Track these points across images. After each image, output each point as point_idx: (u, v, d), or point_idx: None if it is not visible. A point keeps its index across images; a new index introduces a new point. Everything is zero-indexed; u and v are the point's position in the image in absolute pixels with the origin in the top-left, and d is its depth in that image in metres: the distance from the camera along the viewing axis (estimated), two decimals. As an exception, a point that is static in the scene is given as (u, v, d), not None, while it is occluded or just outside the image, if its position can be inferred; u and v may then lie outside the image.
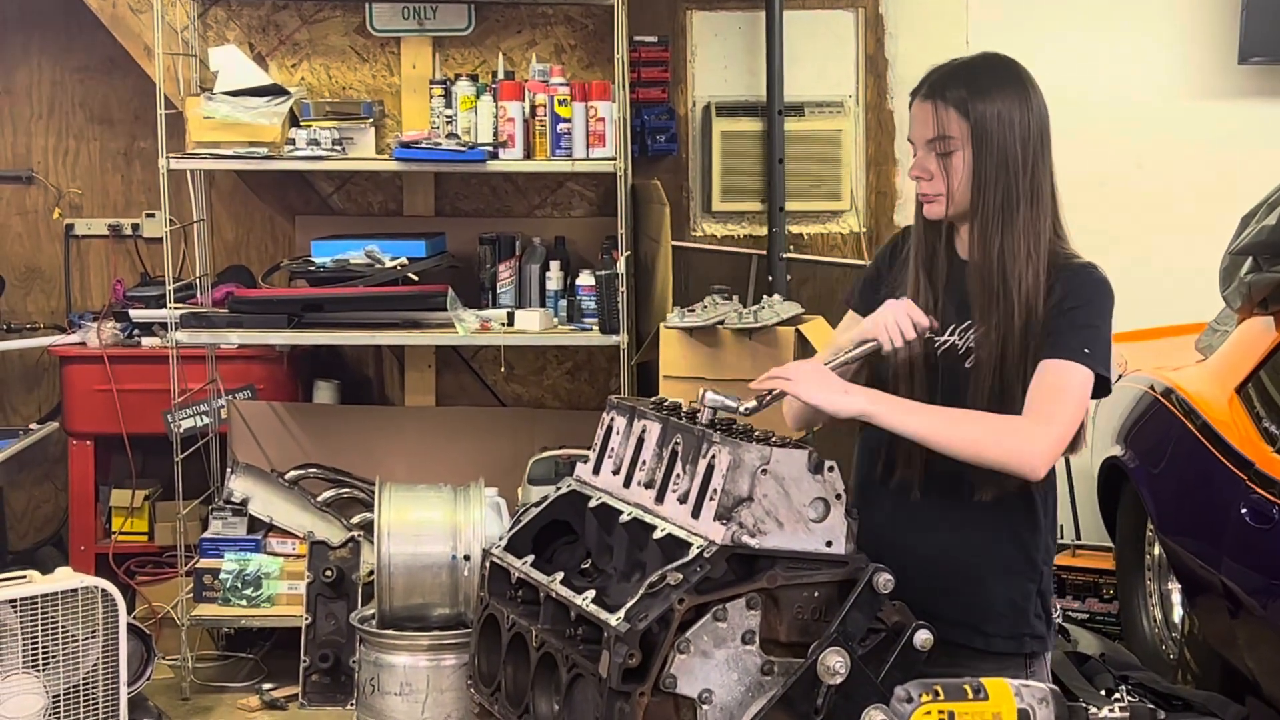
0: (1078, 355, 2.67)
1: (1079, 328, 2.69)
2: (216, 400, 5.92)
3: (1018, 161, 2.73)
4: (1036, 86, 2.80)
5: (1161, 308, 5.84)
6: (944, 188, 2.76)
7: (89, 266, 6.59)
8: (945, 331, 2.79)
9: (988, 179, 2.73)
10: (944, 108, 2.74)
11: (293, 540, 5.56)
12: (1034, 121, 2.76)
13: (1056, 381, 2.66)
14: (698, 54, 6.21)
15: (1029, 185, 2.74)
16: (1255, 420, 4.37)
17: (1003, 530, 2.78)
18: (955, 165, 2.74)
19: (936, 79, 2.79)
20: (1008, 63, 2.82)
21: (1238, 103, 6.22)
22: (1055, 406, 2.65)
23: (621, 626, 2.31)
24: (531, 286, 5.84)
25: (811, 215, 6.21)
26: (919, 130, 2.78)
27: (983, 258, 2.74)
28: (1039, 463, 2.62)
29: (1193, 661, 4.70)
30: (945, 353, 2.79)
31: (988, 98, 2.73)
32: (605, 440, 2.76)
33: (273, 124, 5.52)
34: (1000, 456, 2.62)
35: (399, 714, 5.03)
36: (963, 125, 2.73)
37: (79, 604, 4.19)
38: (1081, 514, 5.98)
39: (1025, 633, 2.80)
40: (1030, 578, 2.81)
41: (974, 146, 2.73)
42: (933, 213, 2.80)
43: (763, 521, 2.41)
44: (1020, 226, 2.73)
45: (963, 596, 2.74)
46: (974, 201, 2.74)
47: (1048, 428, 2.63)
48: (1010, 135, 2.73)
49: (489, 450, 5.93)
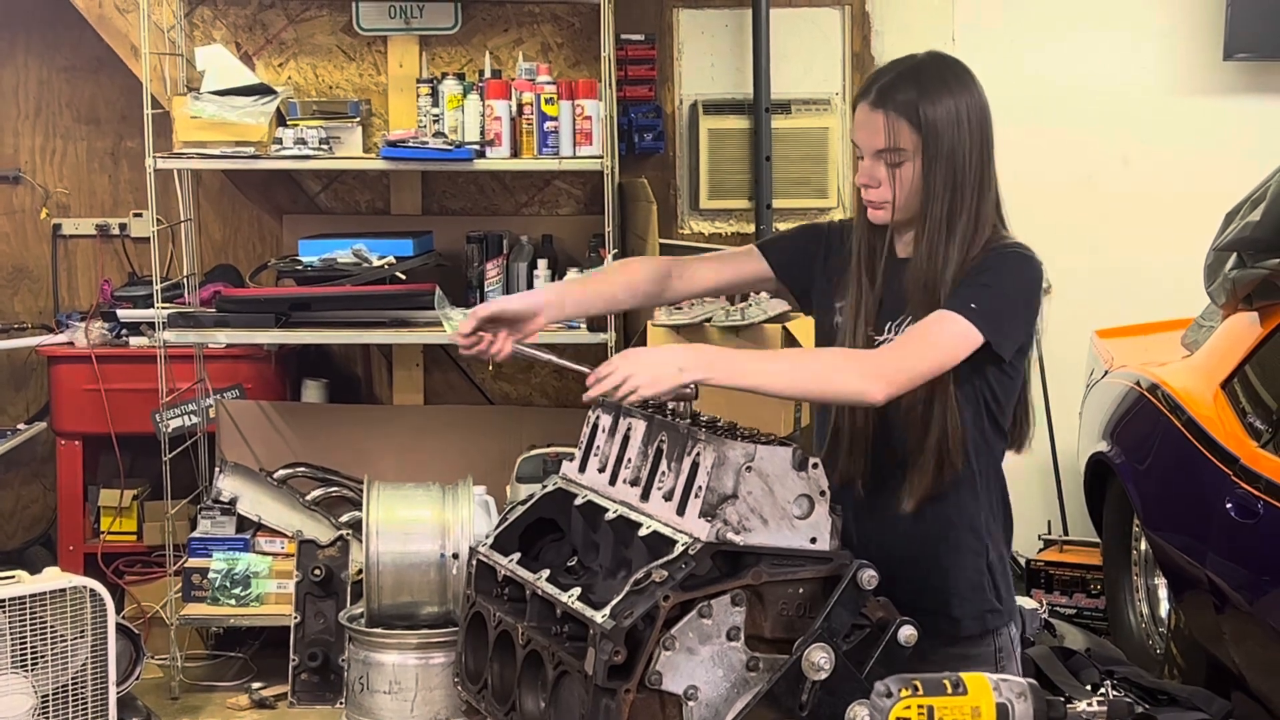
0: (962, 308, 2.64)
1: (975, 286, 2.68)
2: (204, 400, 5.92)
3: (965, 170, 2.73)
4: (978, 83, 2.78)
5: (1148, 304, 5.86)
6: (891, 196, 2.76)
7: (76, 266, 6.59)
8: (884, 330, 2.80)
9: (936, 190, 2.73)
10: (895, 119, 2.72)
11: (281, 539, 5.56)
12: (979, 121, 2.75)
13: (928, 325, 2.64)
14: (684, 52, 6.21)
15: (975, 191, 2.74)
16: (1240, 415, 4.39)
17: (948, 511, 2.77)
18: (904, 176, 2.74)
19: (885, 86, 2.76)
20: (952, 63, 2.81)
21: (1223, 99, 6.24)
22: (913, 344, 2.63)
23: (607, 624, 2.32)
24: (519, 284, 5.84)
25: (798, 212, 6.22)
26: (867, 138, 2.77)
27: (928, 263, 2.74)
28: (874, 387, 2.55)
29: (1179, 656, 4.72)
30: None
31: (937, 105, 2.71)
32: (591, 438, 2.77)
33: (259, 123, 5.51)
34: (834, 387, 2.58)
35: (388, 712, 5.03)
36: (914, 137, 2.72)
37: (67, 604, 4.19)
38: (1068, 509, 6.00)
39: (987, 609, 2.81)
40: (979, 552, 2.80)
41: (925, 158, 2.72)
42: (878, 219, 2.81)
43: (747, 518, 2.42)
44: (961, 232, 2.73)
45: (923, 585, 2.74)
46: (922, 211, 2.75)
47: (892, 357, 2.60)
48: (960, 146, 2.72)
49: (477, 448, 5.94)
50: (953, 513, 2.78)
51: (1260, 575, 4.11)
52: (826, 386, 2.60)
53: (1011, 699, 2.05)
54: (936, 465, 2.72)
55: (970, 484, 2.79)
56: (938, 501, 2.76)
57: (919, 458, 2.73)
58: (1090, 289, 5.95)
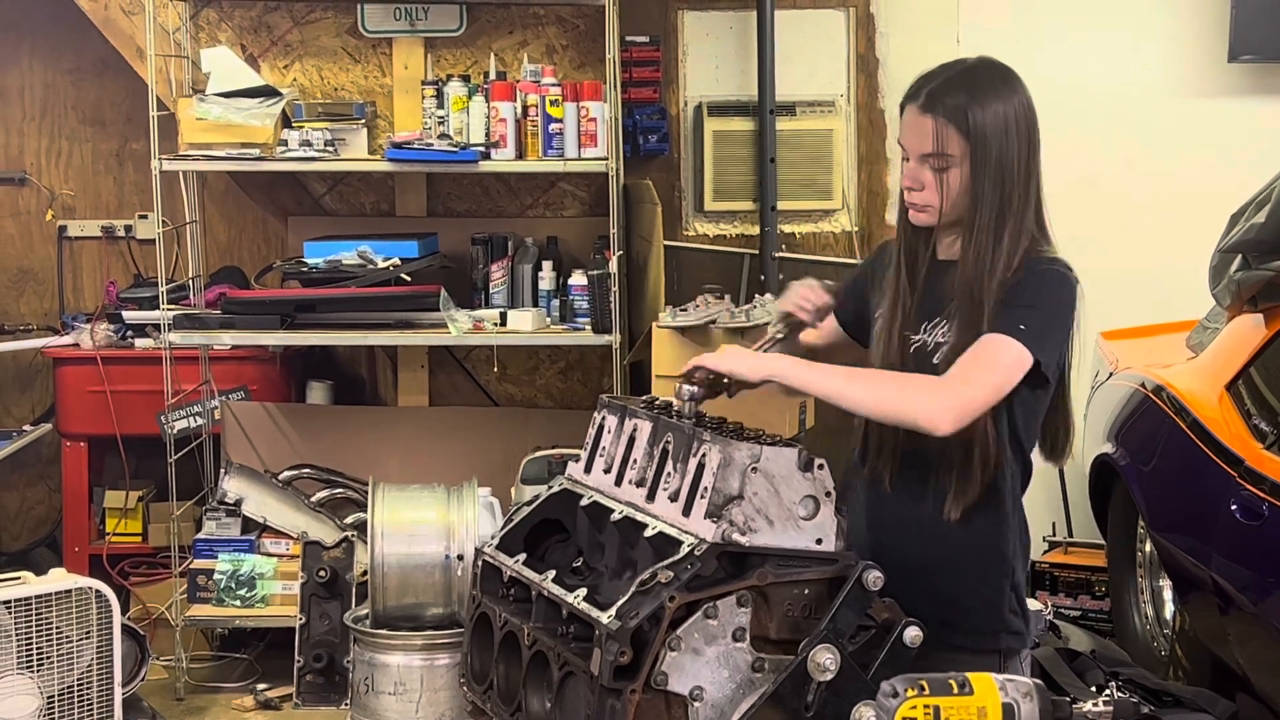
0: (1013, 330, 2.66)
1: (1020, 306, 2.69)
2: (210, 401, 5.93)
3: (1013, 177, 2.74)
4: (1025, 88, 2.80)
5: (1153, 305, 5.86)
6: (937, 201, 2.76)
7: (82, 268, 6.60)
8: (919, 330, 2.80)
9: (985, 196, 2.73)
10: (944, 124, 2.72)
11: (286, 540, 5.56)
12: (1027, 128, 2.77)
13: (985, 350, 2.66)
14: (689, 54, 6.22)
15: (1021, 197, 2.75)
16: (1245, 417, 4.39)
17: (974, 527, 2.78)
18: (951, 181, 2.74)
19: (934, 89, 2.76)
20: (1000, 69, 2.81)
21: (1228, 101, 6.23)
22: (975, 371, 2.64)
23: (613, 624, 2.32)
24: (524, 286, 5.85)
25: (803, 214, 6.23)
26: (914, 141, 2.77)
27: (975, 268, 2.73)
28: (943, 419, 2.59)
29: (1184, 658, 4.72)
30: (916, 350, 2.80)
31: (987, 111, 2.72)
32: (597, 439, 2.77)
33: (265, 125, 5.52)
34: (907, 413, 2.61)
35: (393, 713, 5.03)
36: (962, 144, 2.72)
37: (73, 605, 4.20)
38: (1073, 511, 6.00)
39: (1001, 629, 2.81)
40: (1003, 573, 2.81)
41: (973, 164, 2.73)
42: (921, 221, 2.81)
43: (753, 519, 2.42)
44: (1006, 239, 2.73)
45: (937, 594, 2.74)
46: (969, 216, 2.74)
47: (960, 388, 2.62)
48: (1008, 148, 2.73)
49: (482, 450, 5.94)
50: (979, 528, 2.78)
51: (1265, 577, 4.10)
52: (898, 411, 2.63)
53: (1017, 699, 2.05)
54: (973, 475, 2.72)
55: (1000, 502, 2.80)
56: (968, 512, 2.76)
57: (952, 465, 2.73)
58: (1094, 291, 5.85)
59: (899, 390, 2.65)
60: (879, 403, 2.64)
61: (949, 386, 2.63)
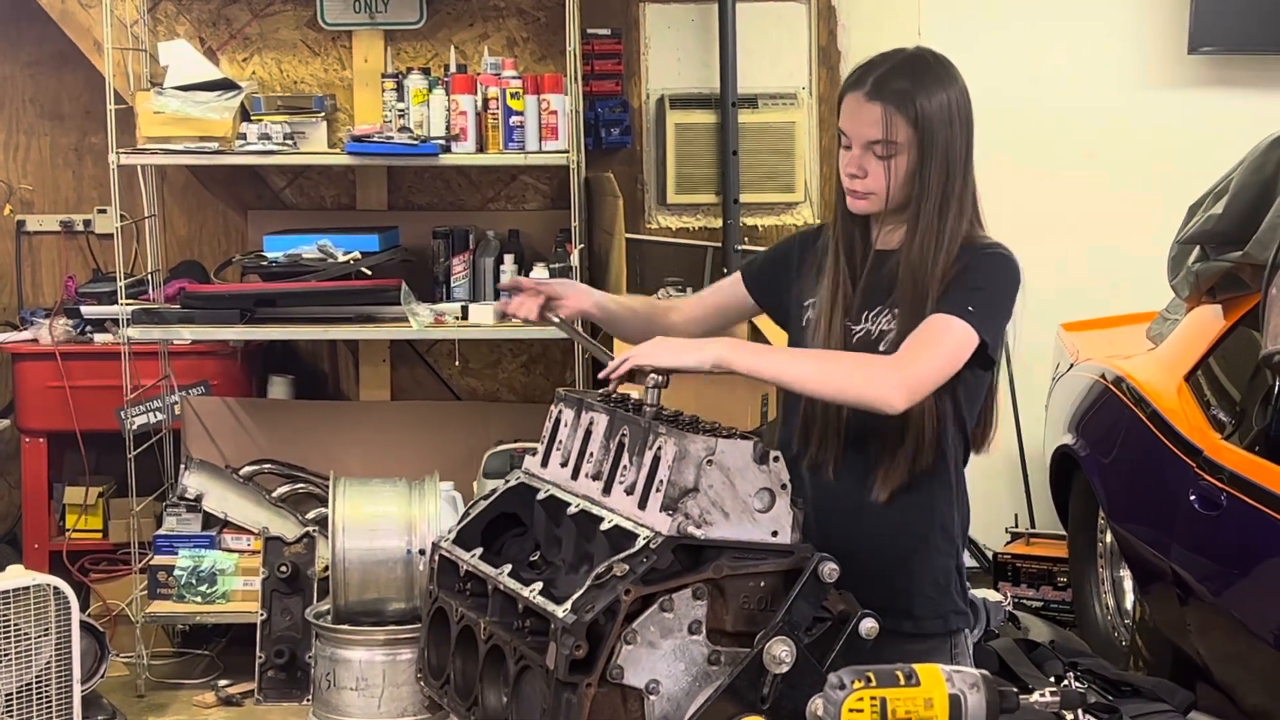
0: (960, 311, 2.65)
1: (968, 289, 2.68)
2: (170, 396, 5.90)
3: (957, 164, 2.74)
4: (963, 80, 2.80)
5: (1113, 297, 5.88)
6: (881, 188, 2.76)
7: (40, 263, 6.55)
8: (860, 320, 2.80)
9: (929, 183, 2.73)
10: (892, 111, 2.71)
11: (247, 536, 5.54)
12: (966, 116, 2.77)
13: (932, 329, 2.65)
14: (651, 46, 6.21)
15: (962, 184, 2.75)
16: (1204, 408, 4.41)
17: (922, 510, 2.78)
18: (896, 168, 2.73)
19: (881, 77, 2.75)
20: (942, 59, 2.81)
21: (1188, 92, 6.26)
22: (923, 350, 2.63)
23: (568, 618, 2.31)
24: (485, 280, 5.84)
25: (766, 207, 6.23)
26: (859, 128, 2.76)
27: (919, 257, 2.73)
28: (896, 396, 2.57)
29: (1144, 648, 4.74)
30: (860, 340, 2.79)
31: (932, 99, 2.72)
32: (553, 432, 2.76)
33: (224, 118, 5.49)
34: (860, 391, 2.59)
35: (355, 709, 5.02)
36: (909, 131, 2.71)
37: (31, 602, 4.18)
38: (1035, 502, 6.02)
39: (951, 610, 2.81)
40: (949, 554, 2.81)
41: (920, 151, 2.72)
42: (861, 209, 2.80)
43: (709, 512, 2.41)
44: (951, 224, 2.74)
45: (889, 581, 2.74)
46: (914, 205, 2.74)
47: (911, 366, 2.61)
48: (952, 140, 2.73)
49: (444, 444, 5.93)
50: (925, 510, 2.79)
51: (1223, 567, 4.13)
52: (849, 391, 2.60)
53: (964, 690, 2.06)
54: (911, 456, 2.72)
55: (944, 482, 2.79)
56: (911, 496, 2.76)
57: (894, 447, 2.73)
58: (1055, 282, 5.95)
59: (850, 369, 2.63)
60: (829, 383, 2.61)
61: (900, 364, 2.61)
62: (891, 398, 2.57)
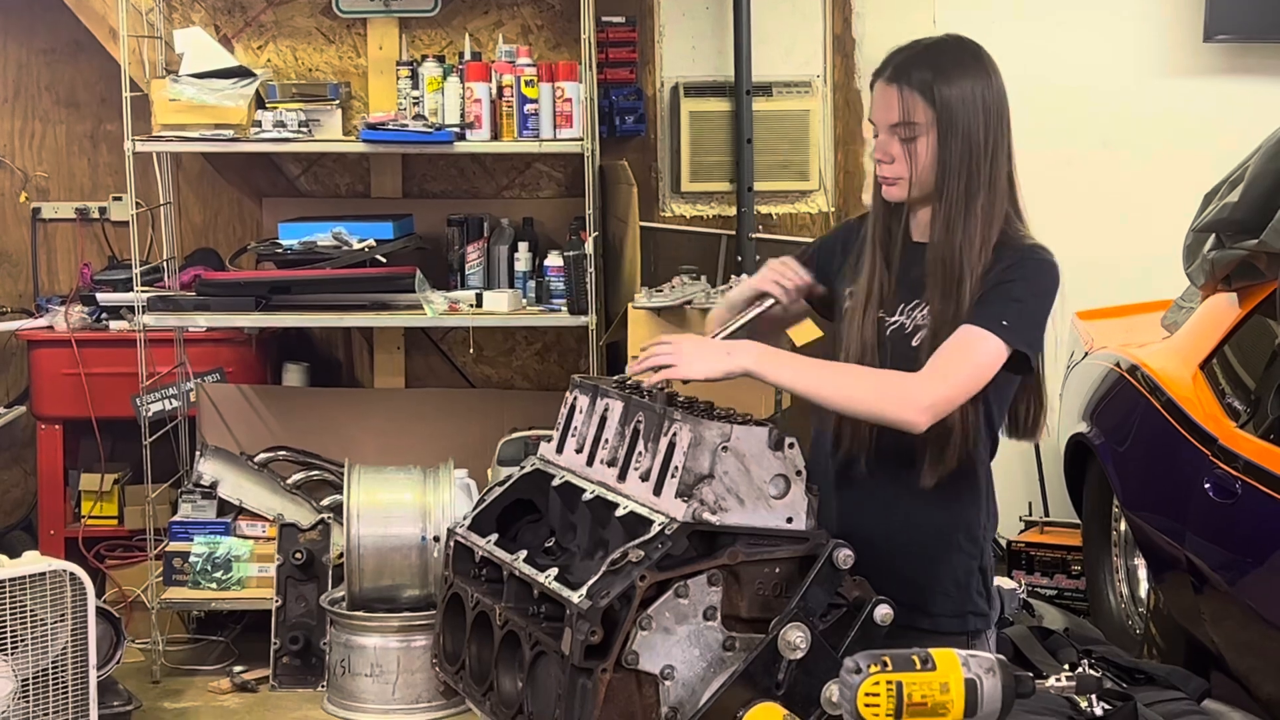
0: (994, 325, 2.66)
1: (1004, 300, 2.69)
2: (185, 383, 5.91)
3: (980, 147, 2.73)
4: (997, 69, 2.80)
5: (1128, 285, 5.86)
6: (906, 172, 2.76)
7: (56, 250, 6.57)
8: (896, 312, 2.80)
9: (952, 165, 2.73)
10: (909, 93, 2.72)
11: (262, 523, 5.56)
12: (996, 105, 2.76)
13: (962, 344, 2.66)
14: (665, 34, 6.20)
15: (989, 170, 2.74)
16: (1219, 396, 4.40)
17: (949, 509, 2.79)
18: (919, 150, 2.74)
19: (901, 62, 2.77)
20: (971, 46, 2.81)
21: (1203, 80, 6.24)
22: (951, 367, 2.64)
23: (584, 604, 2.32)
24: (500, 268, 5.84)
25: (780, 195, 6.22)
26: (882, 114, 2.77)
27: (945, 243, 2.73)
28: (917, 416, 2.60)
29: (1158, 636, 4.74)
30: (894, 332, 2.80)
31: (953, 83, 2.72)
32: (568, 419, 2.77)
33: (239, 106, 5.50)
34: (883, 410, 2.61)
35: (370, 695, 5.05)
36: (928, 111, 2.72)
37: (47, 588, 4.19)
38: (1049, 491, 6.01)
39: (969, 610, 2.81)
40: (973, 555, 2.82)
41: (939, 133, 2.72)
42: (893, 195, 2.80)
43: (724, 498, 2.42)
44: (979, 212, 2.73)
45: (909, 576, 2.74)
46: (938, 187, 2.74)
47: (935, 385, 2.62)
48: (974, 121, 2.73)
49: (458, 432, 5.94)
50: (952, 510, 2.79)
51: (1238, 555, 4.12)
52: (874, 407, 2.63)
53: (980, 674, 2.06)
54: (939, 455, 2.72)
55: (972, 484, 2.80)
56: (939, 495, 2.76)
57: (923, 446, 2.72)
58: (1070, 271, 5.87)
59: (875, 387, 2.64)
60: (854, 400, 2.63)
61: (926, 384, 2.62)
62: (915, 418, 2.61)
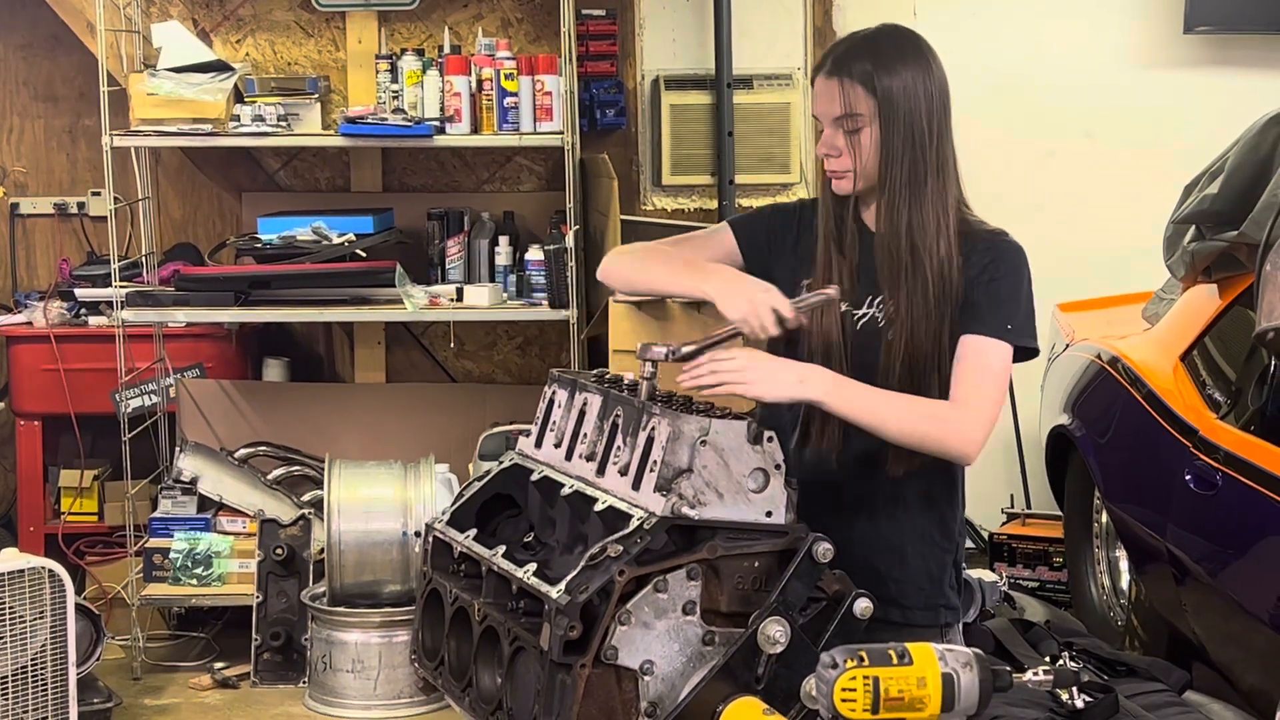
0: (1000, 331, 2.70)
1: (1000, 302, 2.71)
2: (165, 379, 5.90)
3: (924, 134, 2.73)
4: (937, 57, 2.80)
5: (1109, 277, 5.87)
6: (852, 164, 2.76)
7: (35, 245, 6.54)
8: (863, 304, 2.80)
9: (895, 154, 2.73)
10: (850, 85, 2.73)
11: (243, 519, 5.54)
12: (937, 93, 2.76)
13: (979, 361, 2.69)
14: (646, 27, 6.20)
15: (935, 157, 2.74)
16: (1199, 387, 4.40)
17: (922, 503, 2.80)
18: (863, 142, 2.74)
19: (841, 54, 2.78)
20: (910, 35, 2.82)
21: (1183, 72, 6.25)
22: (982, 391, 2.69)
23: (562, 599, 2.31)
24: (480, 262, 5.83)
25: (761, 188, 6.22)
26: (824, 107, 2.77)
27: (891, 231, 2.74)
28: (973, 449, 2.67)
29: (1140, 628, 4.74)
30: (865, 325, 2.79)
31: (894, 73, 2.72)
32: (547, 413, 2.76)
33: (217, 100, 5.47)
34: (939, 443, 2.66)
35: (351, 691, 5.04)
36: (869, 102, 2.72)
37: (26, 585, 4.17)
38: (1031, 483, 6.02)
39: (941, 604, 2.83)
40: (946, 549, 2.83)
41: (881, 122, 2.72)
42: (842, 189, 2.80)
43: (702, 492, 2.41)
44: (928, 198, 2.73)
45: (882, 571, 2.75)
46: (881, 176, 2.74)
47: (977, 413, 2.68)
48: (916, 108, 2.73)
49: (440, 426, 5.93)
50: (925, 504, 2.80)
51: (1219, 547, 4.12)
52: (933, 441, 2.66)
53: (957, 669, 2.06)
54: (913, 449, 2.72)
55: (947, 479, 2.82)
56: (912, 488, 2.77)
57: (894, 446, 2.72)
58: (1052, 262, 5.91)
59: (932, 421, 2.66)
60: (920, 432, 2.65)
61: (974, 416, 2.67)
62: (970, 452, 2.67)
